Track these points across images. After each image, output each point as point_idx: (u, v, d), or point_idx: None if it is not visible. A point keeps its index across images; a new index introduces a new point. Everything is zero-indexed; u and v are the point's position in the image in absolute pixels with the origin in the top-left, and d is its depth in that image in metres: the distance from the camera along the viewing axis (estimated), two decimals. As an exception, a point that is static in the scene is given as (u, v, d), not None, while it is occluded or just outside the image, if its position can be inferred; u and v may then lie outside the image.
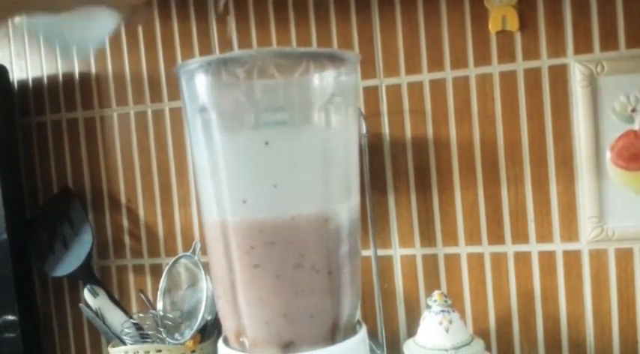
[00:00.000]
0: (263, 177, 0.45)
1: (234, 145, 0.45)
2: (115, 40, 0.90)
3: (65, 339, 0.96)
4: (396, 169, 0.81)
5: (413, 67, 0.80)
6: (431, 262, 0.81)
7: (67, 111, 0.93)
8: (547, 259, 0.77)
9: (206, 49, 0.86)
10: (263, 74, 0.43)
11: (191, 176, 0.88)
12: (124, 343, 0.79)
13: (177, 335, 0.78)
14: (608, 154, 0.74)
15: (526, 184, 0.77)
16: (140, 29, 0.89)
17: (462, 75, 0.78)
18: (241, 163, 0.45)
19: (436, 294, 0.70)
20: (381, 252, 0.82)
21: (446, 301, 0.69)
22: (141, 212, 0.91)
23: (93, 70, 0.92)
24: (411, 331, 0.82)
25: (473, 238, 0.79)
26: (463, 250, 0.80)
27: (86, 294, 0.84)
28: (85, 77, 0.92)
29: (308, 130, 0.46)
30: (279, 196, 0.45)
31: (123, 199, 0.92)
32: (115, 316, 0.83)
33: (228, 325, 0.49)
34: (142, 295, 0.85)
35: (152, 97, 0.89)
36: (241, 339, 0.48)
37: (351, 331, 0.50)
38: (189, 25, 0.87)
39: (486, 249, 0.79)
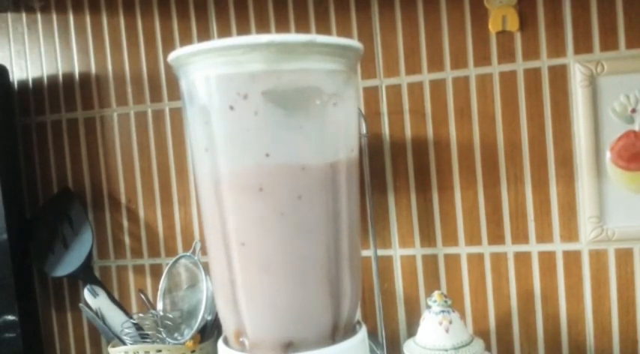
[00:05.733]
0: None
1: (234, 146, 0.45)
2: (114, 39, 0.90)
3: (65, 339, 0.96)
4: (396, 169, 0.81)
5: (413, 67, 0.80)
6: (431, 262, 0.81)
7: (67, 111, 0.93)
8: (547, 259, 0.77)
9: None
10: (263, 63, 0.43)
11: (191, 176, 0.88)
12: (124, 343, 0.79)
13: (177, 335, 0.78)
14: (608, 155, 0.74)
15: (526, 184, 0.77)
16: (140, 29, 0.89)
17: (462, 75, 0.78)
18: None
19: (436, 294, 0.70)
20: (381, 252, 0.82)
21: (446, 302, 0.69)
22: (141, 212, 0.91)
23: (93, 70, 0.92)
24: (411, 331, 0.82)
25: (473, 238, 0.79)
26: (463, 250, 0.80)
27: (86, 294, 0.84)
28: (85, 77, 0.92)
29: (308, 129, 0.45)
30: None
31: (123, 199, 0.92)
32: (115, 316, 0.83)
33: (228, 325, 0.49)
34: (142, 295, 0.85)
35: (152, 97, 0.90)
36: (241, 339, 0.48)
37: (351, 331, 0.50)
38: (189, 24, 0.87)
39: (486, 249, 0.79)
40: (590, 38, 0.73)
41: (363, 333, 0.51)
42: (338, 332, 0.49)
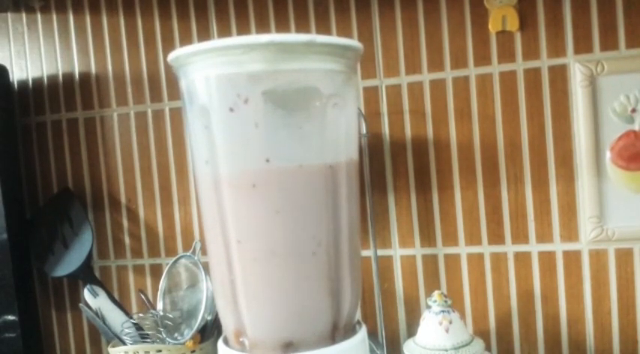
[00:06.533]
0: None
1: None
2: (114, 39, 0.90)
3: (65, 339, 0.96)
4: (396, 169, 0.81)
5: (413, 67, 0.80)
6: (431, 262, 0.81)
7: (67, 111, 0.93)
8: (547, 259, 0.77)
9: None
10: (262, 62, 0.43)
11: (191, 176, 0.88)
12: (124, 343, 0.79)
13: (177, 335, 0.78)
14: (608, 154, 0.74)
15: (526, 184, 0.77)
16: (140, 29, 0.89)
17: (462, 75, 0.78)
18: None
19: (436, 294, 0.70)
20: (381, 252, 0.82)
21: (446, 302, 0.69)
22: (141, 212, 0.91)
23: (93, 70, 0.92)
24: (411, 331, 0.82)
25: (473, 238, 0.79)
26: (463, 250, 0.80)
27: (86, 294, 0.84)
28: (85, 77, 0.92)
29: (308, 129, 0.45)
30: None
31: (123, 199, 0.92)
32: (115, 316, 0.83)
33: (228, 325, 0.49)
34: (142, 295, 0.85)
35: (152, 97, 0.90)
36: (241, 339, 0.48)
37: (351, 331, 0.50)
38: (189, 24, 0.87)
39: (486, 249, 0.79)
40: (590, 38, 0.73)
41: (363, 333, 0.51)
42: (338, 332, 0.49)
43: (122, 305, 0.85)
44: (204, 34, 0.86)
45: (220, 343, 0.50)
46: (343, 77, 0.46)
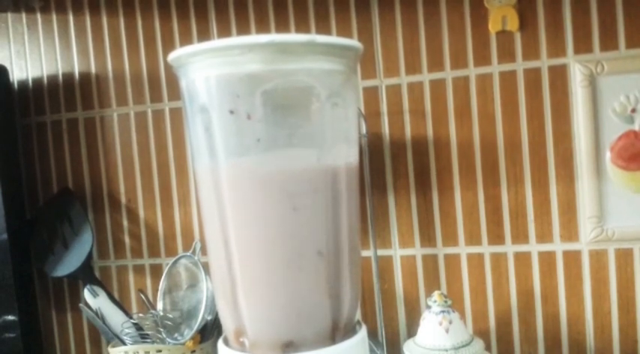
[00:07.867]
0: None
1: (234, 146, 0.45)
2: (114, 39, 0.90)
3: (65, 339, 0.96)
4: (396, 169, 0.81)
5: (413, 67, 0.80)
6: (431, 262, 0.81)
7: (67, 111, 0.93)
8: (547, 259, 0.77)
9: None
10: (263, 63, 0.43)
11: (191, 176, 0.88)
12: (124, 343, 0.79)
13: (177, 335, 0.78)
14: (608, 154, 0.74)
15: (526, 184, 0.77)
16: (140, 29, 0.89)
17: (461, 75, 0.78)
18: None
19: (436, 294, 0.70)
20: (381, 252, 0.82)
21: (446, 302, 0.69)
22: (141, 212, 0.91)
23: (93, 70, 0.92)
24: (411, 331, 0.82)
25: (473, 238, 0.79)
26: (463, 250, 0.80)
27: (86, 294, 0.84)
28: (85, 77, 0.92)
29: (308, 129, 0.45)
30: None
31: (123, 199, 0.92)
32: (115, 316, 0.83)
33: (228, 325, 0.49)
34: (142, 295, 0.85)
35: (152, 97, 0.90)
36: (241, 339, 0.48)
37: (351, 331, 0.50)
38: (189, 24, 0.87)
39: (486, 249, 0.79)
40: (590, 38, 0.73)
41: (363, 333, 0.51)
42: (338, 332, 0.49)
43: (122, 305, 0.85)
44: (204, 35, 0.86)
45: (220, 343, 0.50)
46: (343, 77, 0.46)
